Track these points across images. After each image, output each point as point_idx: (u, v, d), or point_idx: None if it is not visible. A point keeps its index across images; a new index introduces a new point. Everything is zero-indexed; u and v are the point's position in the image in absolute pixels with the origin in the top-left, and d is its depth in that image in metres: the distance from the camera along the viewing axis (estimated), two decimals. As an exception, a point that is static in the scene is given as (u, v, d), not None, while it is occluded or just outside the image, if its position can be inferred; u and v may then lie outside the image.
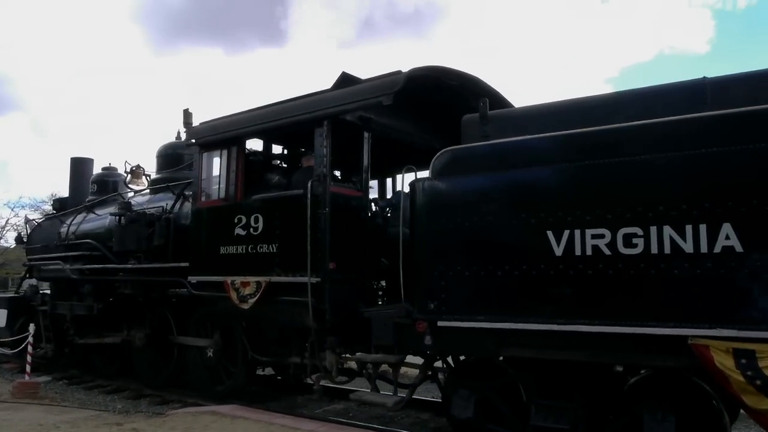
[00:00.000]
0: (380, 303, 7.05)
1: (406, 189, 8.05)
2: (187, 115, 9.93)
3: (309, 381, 7.17)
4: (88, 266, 9.15)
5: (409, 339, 5.47)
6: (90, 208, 10.61)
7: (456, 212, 5.17)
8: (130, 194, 10.29)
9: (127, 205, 8.94)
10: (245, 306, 6.57)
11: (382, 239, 6.79)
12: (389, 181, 8.87)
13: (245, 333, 7.37)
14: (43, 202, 35.12)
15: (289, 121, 6.41)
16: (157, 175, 9.89)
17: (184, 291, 8.51)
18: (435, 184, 5.33)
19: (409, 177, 6.19)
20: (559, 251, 4.67)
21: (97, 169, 11.67)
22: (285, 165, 8.26)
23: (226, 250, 6.86)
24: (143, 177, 10.74)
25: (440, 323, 5.17)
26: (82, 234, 10.07)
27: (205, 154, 7.38)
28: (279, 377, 8.84)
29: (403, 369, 6.49)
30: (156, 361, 8.67)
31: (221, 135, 7.06)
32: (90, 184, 11.25)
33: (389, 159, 7.70)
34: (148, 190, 9.96)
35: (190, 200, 8.55)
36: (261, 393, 8.05)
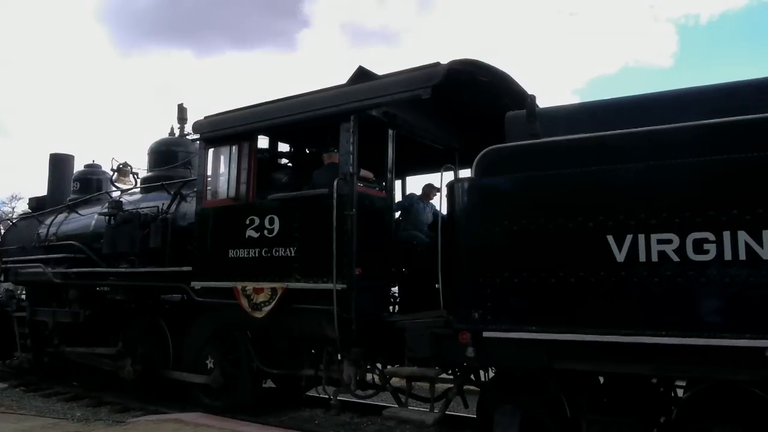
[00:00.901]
0: (393, 311, 6.58)
1: (417, 191, 7.68)
2: (181, 110, 9.35)
3: (325, 395, 6.61)
4: (74, 270, 8.36)
5: (448, 351, 5.01)
6: (72, 208, 9.80)
7: (503, 214, 4.74)
8: (117, 193, 9.54)
9: (117, 205, 8.21)
10: (258, 314, 5.98)
11: (395, 244, 6.33)
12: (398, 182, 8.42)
13: (252, 343, 6.78)
14: (3, 203, 33.33)
15: (310, 116, 5.86)
16: (149, 174, 9.19)
17: (177, 297, 7.94)
18: (479, 184, 4.88)
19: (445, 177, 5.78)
20: (620, 257, 4.28)
21: (78, 167, 10.85)
22: (290, 164, 7.73)
23: (236, 253, 6.26)
24: (131, 175, 10.02)
25: (486, 334, 4.71)
26: (65, 235, 9.26)
27: (211, 150, 6.76)
28: (279, 389, 8.24)
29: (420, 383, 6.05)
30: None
31: (231, 129, 6.46)
32: (72, 182, 10.43)
33: (400, 159, 7.21)
34: (138, 189, 9.25)
35: (188, 200, 7.95)
36: (264, 407, 7.44)
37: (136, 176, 9.97)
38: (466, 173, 7.93)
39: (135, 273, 7.50)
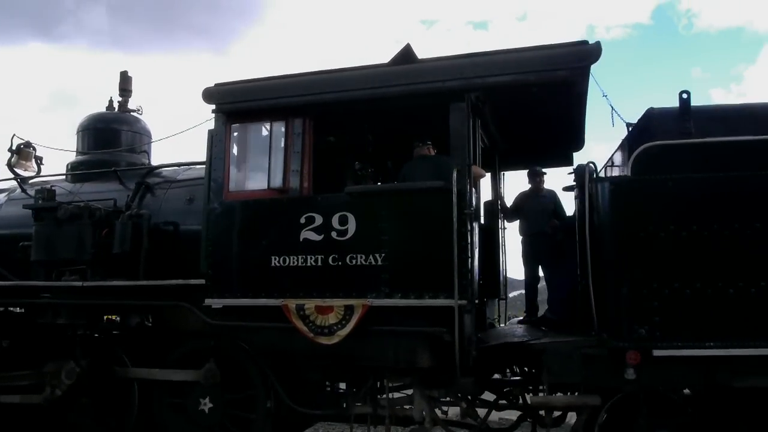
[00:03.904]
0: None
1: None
2: (125, 78, 7.17)
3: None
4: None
5: (599, 373, 4.17)
6: (-58, 199, 6.84)
7: (669, 218, 4.08)
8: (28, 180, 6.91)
9: (51, 194, 5.81)
10: (327, 341, 4.45)
11: None
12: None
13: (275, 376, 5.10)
14: None
15: (403, 90, 4.57)
16: (82, 157, 6.77)
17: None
18: (640, 184, 4.18)
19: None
20: (808, 266, 3.90)
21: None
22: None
23: (284, 261, 4.64)
24: (33, 160, 7.37)
25: (657, 352, 3.97)
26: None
27: (235, 126, 5.00)
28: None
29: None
30: (106, 417, 5.60)
31: (273, 101, 4.82)
32: (-64, 165, 7.31)
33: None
34: (63, 177, 6.75)
35: (156, 192, 5.98)
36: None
37: (40, 161, 7.39)
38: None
39: (94, 288, 5.27)
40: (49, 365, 5.28)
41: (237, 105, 4.97)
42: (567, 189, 5.36)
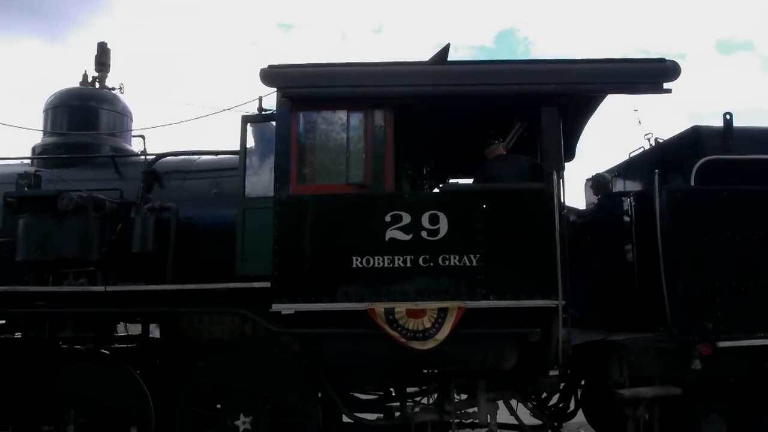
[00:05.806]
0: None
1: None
2: (103, 51, 6.10)
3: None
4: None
5: (670, 365, 4.42)
6: None
7: (726, 224, 4.50)
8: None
9: (37, 181, 4.62)
10: (422, 345, 4.12)
11: None
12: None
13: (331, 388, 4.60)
14: None
15: (496, 90, 4.40)
16: (51, 139, 5.48)
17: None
18: (702, 192, 4.54)
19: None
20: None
21: None
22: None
23: (368, 262, 4.20)
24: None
25: (721, 344, 4.34)
26: None
27: (302, 114, 4.43)
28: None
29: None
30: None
31: (353, 90, 4.35)
32: None
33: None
34: (28, 161, 5.40)
35: (166, 182, 5.13)
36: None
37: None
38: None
39: (131, 294, 4.26)
40: None
41: (307, 90, 4.42)
42: (614, 195, 5.65)
